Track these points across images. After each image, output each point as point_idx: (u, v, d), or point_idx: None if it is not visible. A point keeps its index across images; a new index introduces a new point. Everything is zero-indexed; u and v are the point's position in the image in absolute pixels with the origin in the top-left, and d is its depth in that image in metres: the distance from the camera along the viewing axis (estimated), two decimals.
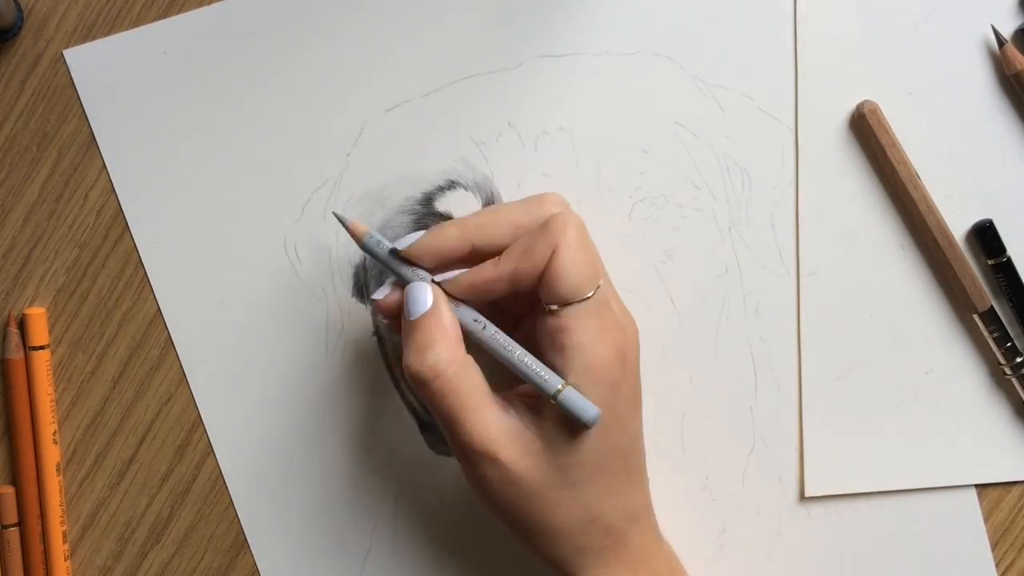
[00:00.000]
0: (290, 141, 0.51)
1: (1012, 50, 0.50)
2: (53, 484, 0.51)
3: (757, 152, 0.51)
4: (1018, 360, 0.50)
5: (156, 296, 0.52)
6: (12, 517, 0.51)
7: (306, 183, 0.51)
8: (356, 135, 0.51)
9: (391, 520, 0.52)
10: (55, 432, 0.51)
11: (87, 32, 0.51)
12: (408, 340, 0.43)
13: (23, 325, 0.51)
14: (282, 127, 0.51)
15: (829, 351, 0.51)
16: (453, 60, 0.51)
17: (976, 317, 0.51)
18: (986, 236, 0.51)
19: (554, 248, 0.43)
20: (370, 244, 0.45)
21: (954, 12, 0.51)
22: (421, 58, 0.51)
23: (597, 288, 0.43)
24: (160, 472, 0.52)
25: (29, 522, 0.51)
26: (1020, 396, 0.51)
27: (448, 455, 0.52)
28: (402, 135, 0.51)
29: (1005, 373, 0.51)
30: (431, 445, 0.52)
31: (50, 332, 0.52)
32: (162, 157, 0.51)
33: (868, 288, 0.51)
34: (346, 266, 0.51)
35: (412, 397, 0.52)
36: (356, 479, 0.52)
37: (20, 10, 0.51)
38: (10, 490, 0.51)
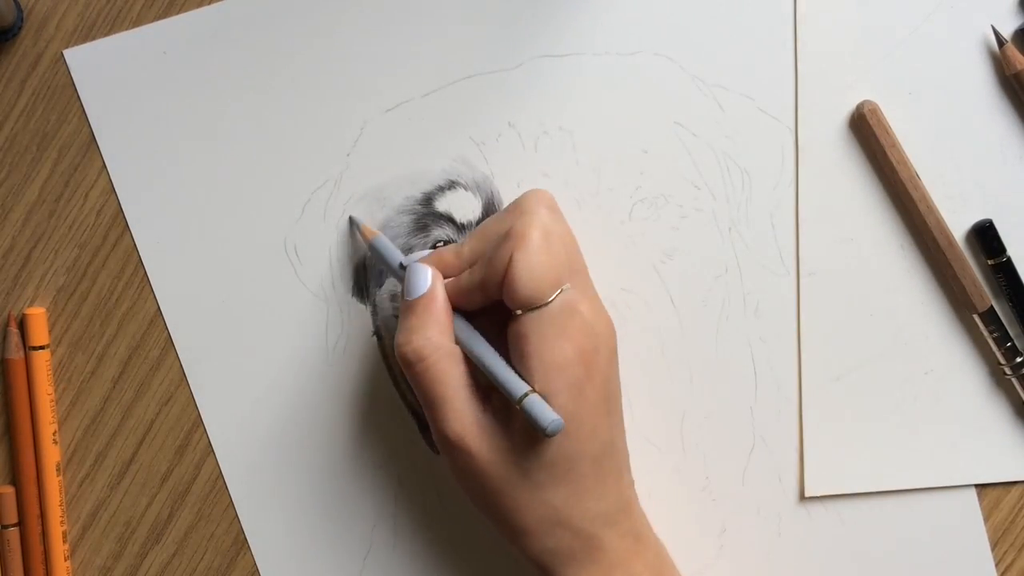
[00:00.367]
0: (290, 141, 0.51)
1: (1012, 50, 0.50)
2: (53, 484, 0.51)
3: (757, 152, 0.51)
4: (1018, 360, 0.50)
5: (156, 296, 0.52)
6: (12, 517, 0.51)
7: (306, 183, 0.51)
8: (356, 135, 0.51)
9: (391, 520, 0.52)
10: (55, 432, 0.51)
11: (87, 32, 0.51)
12: (401, 319, 0.45)
13: (23, 325, 0.51)
14: (282, 127, 0.51)
15: (829, 351, 0.51)
16: (453, 60, 0.51)
17: (976, 317, 0.51)
18: (986, 236, 0.51)
19: (510, 255, 0.42)
20: (379, 246, 0.47)
21: (954, 12, 0.51)
22: (421, 58, 0.51)
23: (559, 292, 0.43)
24: (160, 472, 0.52)
25: (29, 522, 0.51)
26: (1020, 396, 0.51)
27: None
28: (402, 135, 0.51)
29: (1005, 373, 0.51)
30: (431, 445, 0.52)
31: (50, 332, 0.52)
32: (162, 157, 0.51)
33: (868, 288, 0.51)
34: (346, 266, 0.51)
35: (412, 397, 0.52)
36: (356, 478, 0.52)
37: (20, 10, 0.51)
38: (10, 490, 0.51)
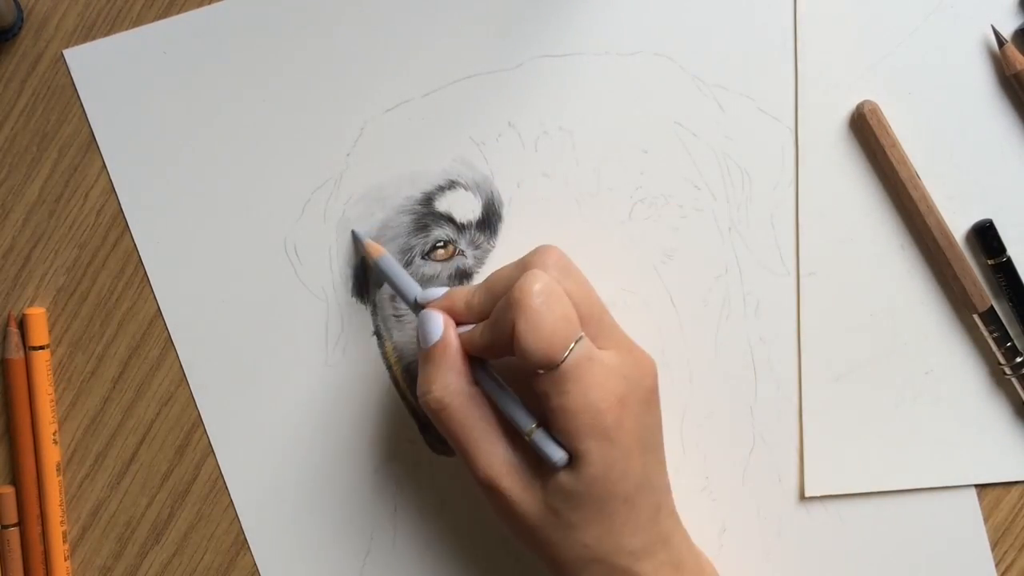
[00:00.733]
0: (290, 141, 0.51)
1: (1012, 50, 0.50)
2: (53, 484, 0.51)
3: (757, 152, 0.51)
4: (1018, 360, 0.50)
5: (156, 296, 0.52)
6: (12, 517, 0.51)
7: (306, 183, 0.51)
8: (356, 135, 0.51)
9: (391, 520, 0.52)
10: (55, 432, 0.51)
11: (87, 32, 0.51)
12: (420, 368, 0.45)
13: (23, 325, 0.51)
14: (282, 127, 0.51)
15: (829, 351, 0.51)
16: (453, 60, 0.51)
17: (976, 317, 0.51)
18: (986, 236, 0.51)
19: (513, 322, 0.42)
20: (383, 265, 0.48)
21: (954, 12, 0.51)
22: (421, 58, 0.51)
23: (571, 348, 0.42)
24: (160, 472, 0.52)
25: (29, 522, 0.51)
26: (1020, 396, 0.51)
27: (448, 455, 0.52)
28: (402, 135, 0.51)
29: (1005, 373, 0.51)
30: (431, 445, 0.52)
31: (50, 332, 0.52)
32: (162, 157, 0.51)
33: (868, 288, 0.51)
34: (346, 266, 0.51)
35: (412, 397, 0.52)
36: (356, 479, 0.52)
37: (20, 10, 0.51)
38: (10, 490, 0.51)
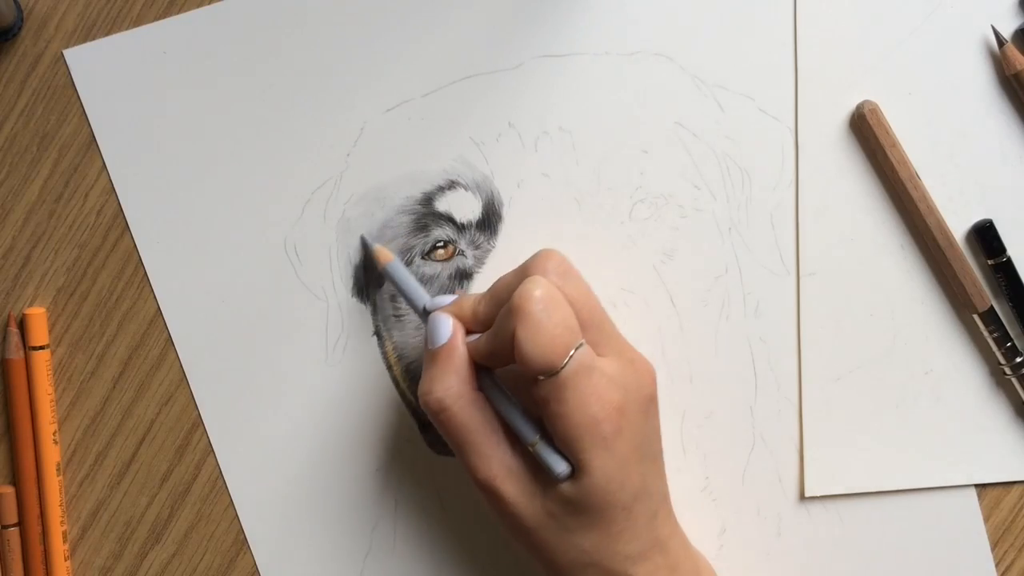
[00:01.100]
0: (290, 141, 0.51)
1: (1012, 50, 0.50)
2: (53, 484, 0.51)
3: (757, 152, 0.51)
4: (1018, 360, 0.50)
5: (156, 296, 0.52)
6: (12, 517, 0.51)
7: (306, 183, 0.51)
8: (356, 135, 0.51)
9: (391, 520, 0.52)
10: (55, 432, 0.51)
11: (87, 32, 0.51)
12: (424, 368, 0.45)
13: (23, 325, 0.51)
14: (282, 127, 0.51)
15: (829, 351, 0.51)
16: (453, 60, 0.51)
17: (976, 317, 0.51)
18: (986, 236, 0.51)
19: (513, 329, 0.42)
20: (392, 271, 0.48)
21: (954, 12, 0.51)
22: (421, 58, 0.51)
23: (571, 356, 0.42)
24: (160, 472, 0.52)
25: (29, 522, 0.51)
26: (1020, 396, 0.51)
27: (448, 455, 0.52)
28: (402, 135, 0.51)
29: (1005, 373, 0.51)
30: (431, 445, 0.52)
31: (50, 332, 0.52)
32: (162, 157, 0.51)
33: (868, 288, 0.51)
34: (346, 266, 0.51)
35: (412, 397, 0.52)
36: (356, 479, 0.52)
37: (20, 10, 0.51)
38: (10, 490, 0.51)
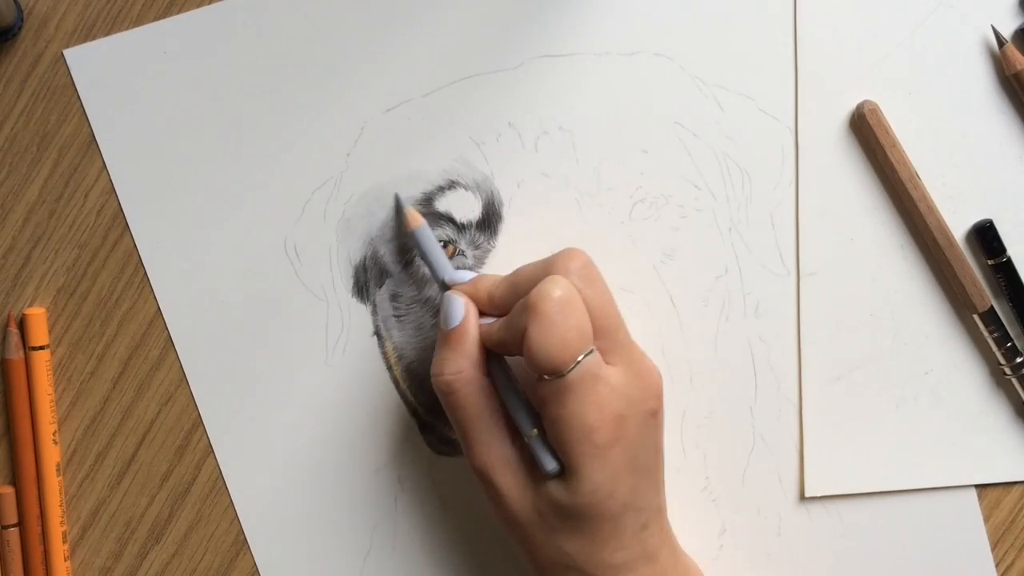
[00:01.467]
0: (290, 141, 0.51)
1: (1012, 50, 0.50)
2: (53, 484, 0.51)
3: (757, 152, 0.51)
4: (1018, 360, 0.50)
5: (156, 296, 0.52)
6: (12, 517, 0.51)
7: (306, 183, 0.51)
8: (356, 135, 0.51)
9: (391, 520, 0.52)
10: (55, 432, 0.51)
11: (87, 32, 0.51)
12: (437, 349, 0.46)
13: (23, 325, 0.51)
14: (282, 127, 0.51)
15: (829, 351, 0.51)
16: (453, 60, 0.51)
17: (976, 317, 0.51)
18: (986, 236, 0.51)
19: (526, 326, 0.42)
20: (420, 237, 0.48)
21: (954, 12, 0.51)
22: (421, 58, 0.51)
23: (578, 362, 0.42)
24: (160, 472, 0.52)
25: (29, 522, 0.51)
26: (1020, 396, 0.51)
27: (448, 455, 0.52)
28: (402, 135, 0.51)
29: (1005, 373, 0.51)
30: (431, 445, 0.52)
31: (50, 332, 0.52)
32: (162, 157, 0.51)
33: (868, 288, 0.51)
34: (346, 266, 0.51)
35: (412, 397, 0.52)
36: (356, 479, 0.52)
37: (20, 10, 0.51)
38: (10, 490, 0.51)
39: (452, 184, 0.51)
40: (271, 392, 0.52)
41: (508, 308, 0.45)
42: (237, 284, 0.51)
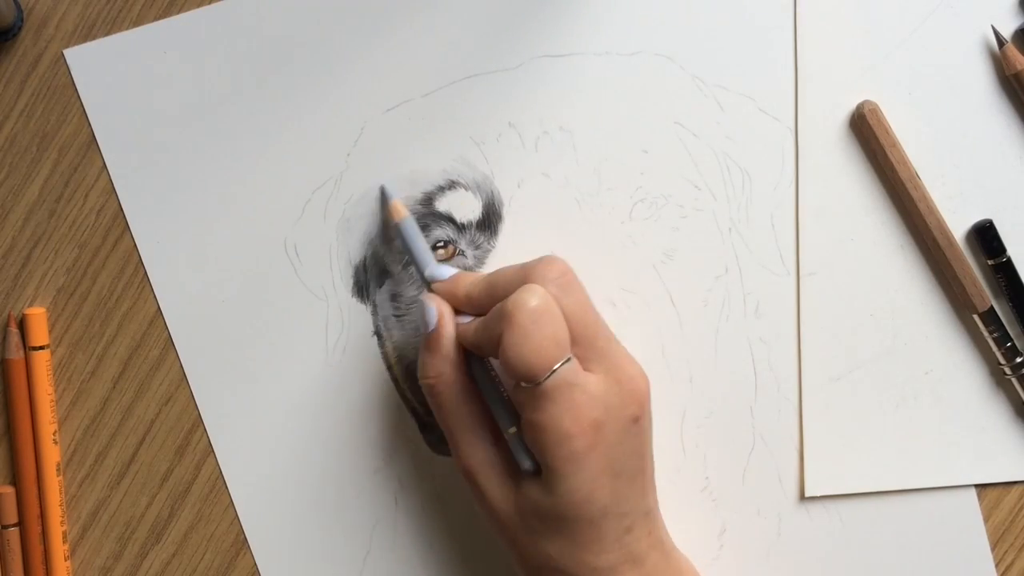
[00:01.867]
0: (290, 141, 0.51)
1: (1012, 50, 0.50)
2: (53, 484, 0.51)
3: (757, 152, 0.51)
4: (1018, 360, 0.50)
5: (156, 296, 0.52)
6: (12, 517, 0.51)
7: (306, 183, 0.51)
8: (356, 135, 0.51)
9: (391, 520, 0.52)
10: (55, 432, 0.51)
11: (87, 32, 0.51)
12: (419, 352, 0.47)
13: (23, 325, 0.51)
14: (282, 127, 0.51)
15: (829, 351, 0.51)
16: (453, 60, 0.51)
17: (976, 317, 0.51)
18: (986, 236, 0.51)
19: (501, 333, 0.42)
20: (404, 229, 0.48)
21: (954, 12, 0.51)
22: (421, 58, 0.51)
23: (554, 371, 0.42)
24: (160, 472, 0.52)
25: (29, 522, 0.51)
26: (1020, 396, 0.51)
27: (448, 455, 0.52)
28: (402, 135, 0.51)
29: (1005, 373, 0.51)
30: (431, 445, 0.52)
31: (50, 332, 0.52)
32: (162, 157, 0.51)
33: (868, 288, 0.51)
34: (346, 266, 0.51)
35: (412, 397, 0.52)
36: (356, 479, 0.52)
37: (20, 10, 0.51)
38: (10, 490, 0.51)
39: (452, 184, 0.51)
40: (271, 392, 0.52)
41: (486, 309, 0.45)
42: (237, 284, 0.51)
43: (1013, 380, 0.51)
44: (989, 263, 0.51)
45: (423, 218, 0.51)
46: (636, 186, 0.51)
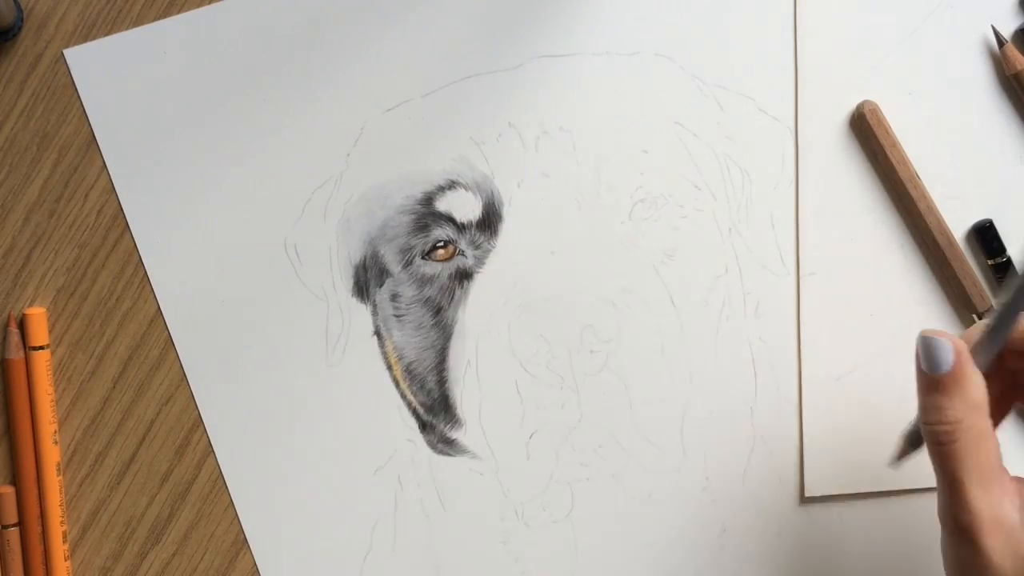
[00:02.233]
0: (290, 141, 0.51)
1: (1012, 50, 0.50)
2: (53, 484, 0.51)
3: (757, 152, 0.51)
4: None
5: (156, 296, 0.52)
6: (12, 517, 0.51)
7: (306, 183, 0.51)
8: (356, 135, 0.51)
9: (391, 520, 0.52)
10: (55, 432, 0.51)
11: (87, 32, 0.51)
12: (926, 393, 0.42)
13: (23, 325, 0.51)
14: (282, 127, 0.51)
15: (829, 351, 0.51)
16: (453, 60, 0.51)
17: (976, 317, 0.51)
18: (986, 236, 0.51)
19: None
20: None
21: (954, 12, 0.51)
22: (421, 58, 0.51)
23: None
24: (160, 472, 0.52)
25: (29, 522, 0.51)
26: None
27: (448, 455, 0.52)
28: (402, 135, 0.51)
29: None
30: (431, 445, 0.52)
31: (50, 332, 0.52)
32: (162, 157, 0.51)
33: (868, 288, 0.51)
34: (346, 266, 0.51)
35: (412, 397, 0.52)
36: (356, 479, 0.52)
37: (20, 10, 0.51)
38: (10, 490, 0.51)
39: (452, 184, 0.51)
40: (271, 392, 0.52)
41: None
42: (237, 284, 0.51)
43: None
44: (989, 263, 0.51)
45: (423, 218, 0.51)
46: (636, 186, 0.51)
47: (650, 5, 0.51)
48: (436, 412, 0.51)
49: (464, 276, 0.51)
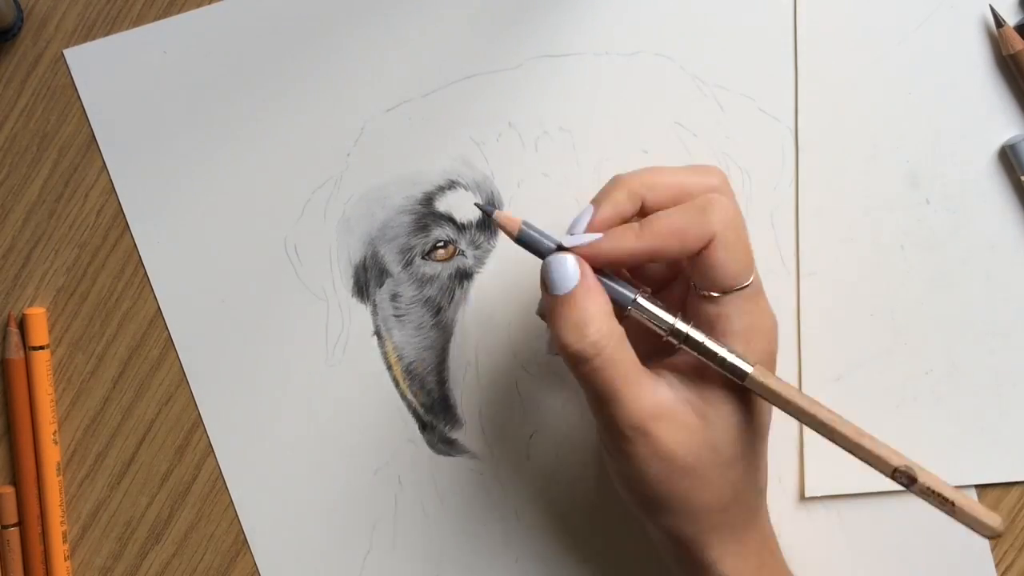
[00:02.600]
0: (290, 141, 0.51)
1: (1010, 31, 0.50)
2: (53, 484, 0.51)
3: (757, 152, 0.51)
4: None
5: (156, 296, 0.52)
6: (12, 517, 0.51)
7: (306, 183, 0.51)
8: (356, 135, 0.51)
9: (391, 520, 0.52)
10: (55, 432, 0.51)
11: (87, 32, 0.51)
12: (560, 316, 0.41)
13: (23, 325, 0.51)
14: (282, 127, 0.51)
15: (829, 351, 0.51)
16: (453, 60, 0.51)
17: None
18: (1018, 154, 0.50)
19: (712, 236, 0.41)
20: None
21: (954, 12, 0.51)
22: (421, 58, 0.51)
23: (754, 274, 0.42)
24: (160, 472, 0.52)
25: (29, 522, 0.51)
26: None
27: (448, 455, 0.52)
28: (402, 135, 0.51)
29: None
30: (431, 445, 0.52)
31: (50, 332, 0.52)
32: (162, 157, 0.51)
33: (868, 288, 0.51)
34: (346, 266, 0.51)
35: (412, 397, 0.52)
36: (356, 479, 0.52)
37: (20, 10, 0.51)
38: (10, 490, 0.51)
39: (452, 184, 0.51)
40: (271, 392, 0.52)
41: (661, 200, 0.43)
42: (237, 284, 0.51)
43: None
44: (1022, 179, 0.50)
45: (423, 218, 0.51)
46: None
47: (650, 5, 0.51)
48: (436, 412, 0.51)
49: (464, 276, 0.51)
